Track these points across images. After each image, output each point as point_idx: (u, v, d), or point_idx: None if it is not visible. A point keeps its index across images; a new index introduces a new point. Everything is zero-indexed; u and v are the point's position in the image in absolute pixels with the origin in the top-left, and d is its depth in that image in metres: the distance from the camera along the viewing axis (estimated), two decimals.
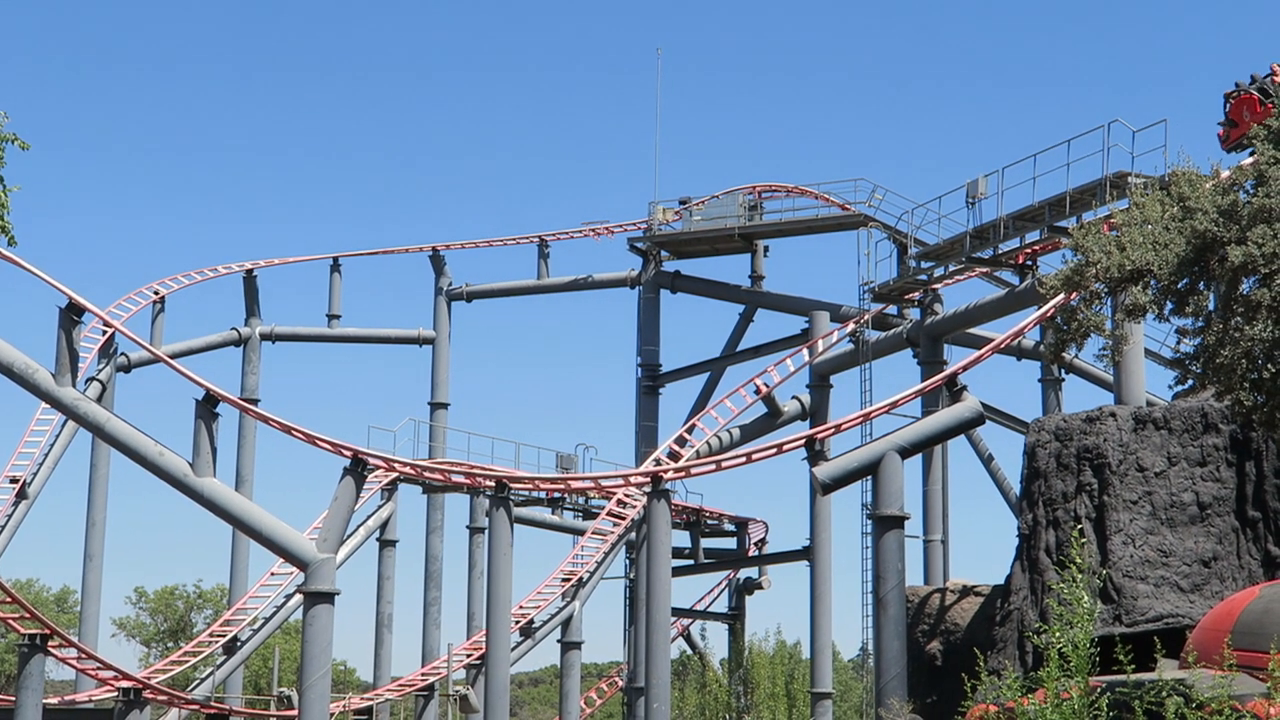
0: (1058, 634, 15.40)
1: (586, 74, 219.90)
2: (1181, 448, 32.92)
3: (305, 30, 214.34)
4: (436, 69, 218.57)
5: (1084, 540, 29.98)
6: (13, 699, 40.80)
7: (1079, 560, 16.47)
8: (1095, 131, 37.99)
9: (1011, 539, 35.17)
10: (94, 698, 48.16)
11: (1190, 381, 29.97)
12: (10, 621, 41.73)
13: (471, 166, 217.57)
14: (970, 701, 19.89)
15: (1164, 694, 16.19)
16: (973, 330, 49.44)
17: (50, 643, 40.26)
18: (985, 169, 44.99)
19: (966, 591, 39.26)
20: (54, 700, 47.15)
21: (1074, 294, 32.38)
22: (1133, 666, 15.97)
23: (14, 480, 50.99)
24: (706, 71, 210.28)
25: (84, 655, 43.64)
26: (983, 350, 41.52)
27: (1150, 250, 25.90)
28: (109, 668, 43.01)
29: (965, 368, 39.43)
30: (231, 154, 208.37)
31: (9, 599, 40.88)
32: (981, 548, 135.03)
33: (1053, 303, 36.27)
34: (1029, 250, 44.15)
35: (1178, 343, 30.16)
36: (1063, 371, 53.38)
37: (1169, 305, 27.45)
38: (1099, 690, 15.57)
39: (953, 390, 38.52)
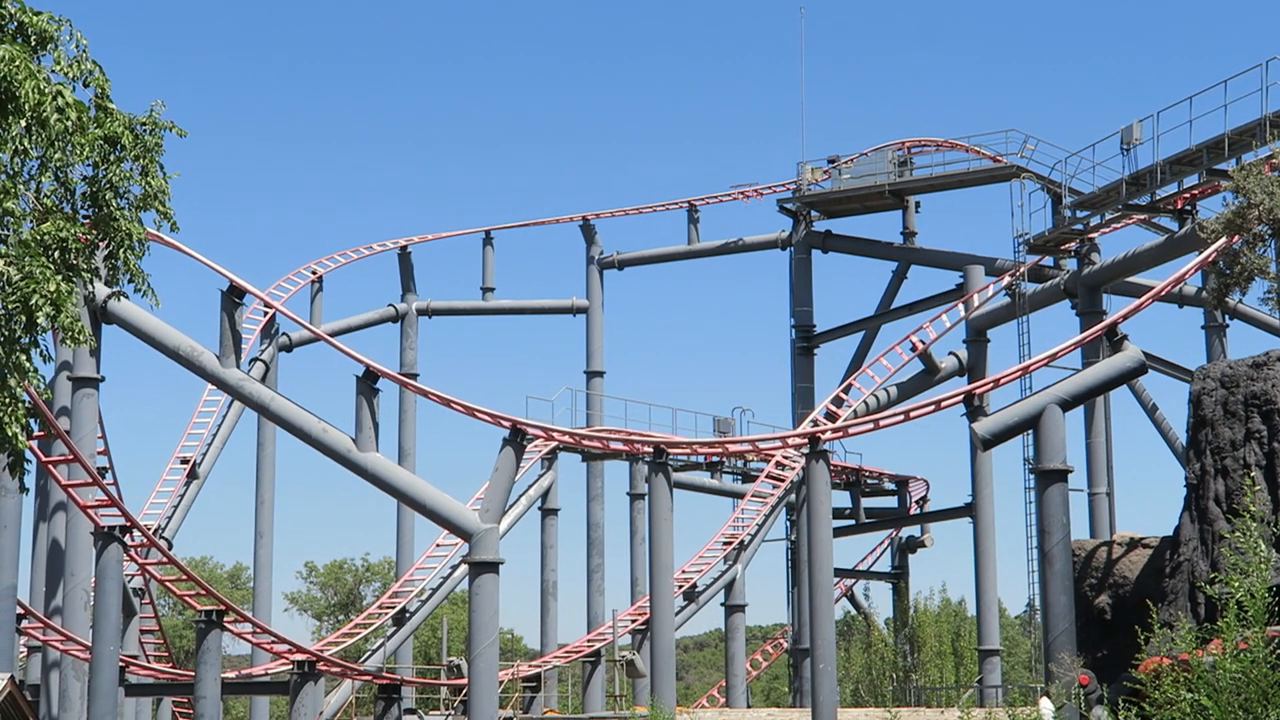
0: (1235, 583, 15.12)
1: (730, 36, 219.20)
2: None
3: (452, 10, 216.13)
4: (582, 41, 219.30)
5: (1256, 488, 29.46)
6: (193, 674, 41.85)
7: (1253, 508, 16.16)
8: (1253, 70, 37.10)
9: (1178, 489, 34.64)
10: (270, 671, 49.22)
11: None
12: (188, 599, 42.79)
13: (619, 135, 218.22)
14: (1143, 655, 19.60)
15: None
16: (1132, 279, 48.60)
17: (226, 619, 41.19)
18: (1139, 114, 44.30)
19: (1134, 544, 38.73)
20: (232, 674, 48.26)
21: (1236, 237, 31.82)
22: None
23: (185, 461, 52.20)
24: (850, 27, 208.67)
25: (259, 630, 44.57)
26: (1143, 298, 40.80)
27: None
28: (283, 641, 43.90)
29: (1125, 317, 38.80)
30: (384, 134, 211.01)
31: (186, 577, 41.91)
32: (1148, 499, 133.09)
33: (1214, 247, 35.63)
34: (1187, 195, 43.30)
35: None
36: (1226, 317, 52.36)
37: None
38: (1278, 640, 15.27)
39: (1113, 340, 37.94)
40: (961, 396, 40.06)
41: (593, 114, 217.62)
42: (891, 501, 66.14)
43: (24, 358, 16.66)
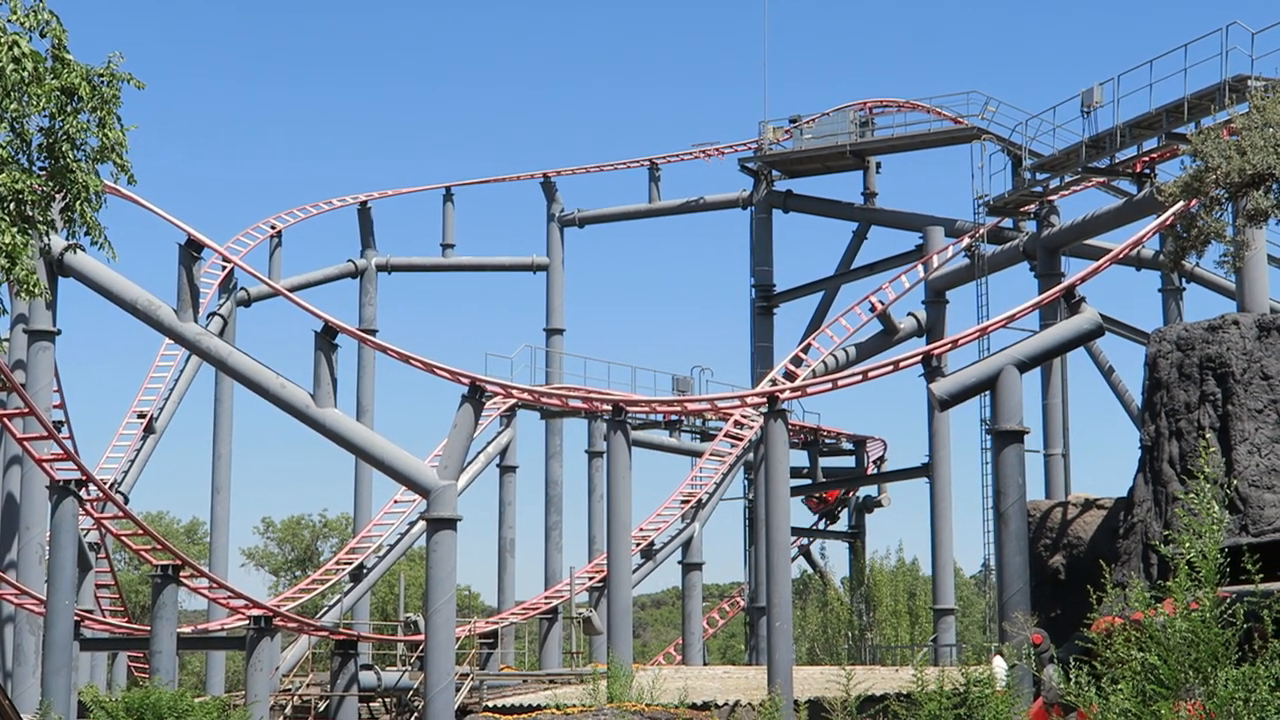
0: (1187, 544, 15.23)
1: None
2: None
3: None
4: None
5: (1210, 450, 29.70)
6: (148, 628, 41.78)
7: (1207, 469, 16.27)
8: (1213, 35, 37.20)
9: (1133, 451, 34.87)
10: (226, 626, 49.16)
11: None
12: (143, 553, 42.64)
13: (581, 91, 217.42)
14: (1095, 614, 19.76)
15: None
16: (1090, 241, 48.80)
17: (182, 573, 41.09)
18: (1100, 77, 44.42)
19: (1089, 505, 39.00)
20: (188, 629, 48.20)
21: (1194, 201, 31.93)
22: (1261, 576, 15.81)
23: (141, 415, 51.96)
24: None
25: (215, 585, 44.50)
26: (1101, 261, 40.98)
27: (1272, 153, 25.42)
28: (240, 596, 43.84)
29: (1083, 279, 38.95)
30: (343, 89, 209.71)
31: (142, 532, 41.77)
32: (1103, 461, 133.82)
33: (1172, 210, 35.77)
34: (1147, 158, 43.47)
35: None
36: (1183, 280, 52.66)
37: None
38: (1228, 601, 15.41)
39: (1071, 302, 38.11)
40: (920, 357, 40.18)
41: (554, 70, 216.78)
42: (849, 461, 66.41)
43: None
